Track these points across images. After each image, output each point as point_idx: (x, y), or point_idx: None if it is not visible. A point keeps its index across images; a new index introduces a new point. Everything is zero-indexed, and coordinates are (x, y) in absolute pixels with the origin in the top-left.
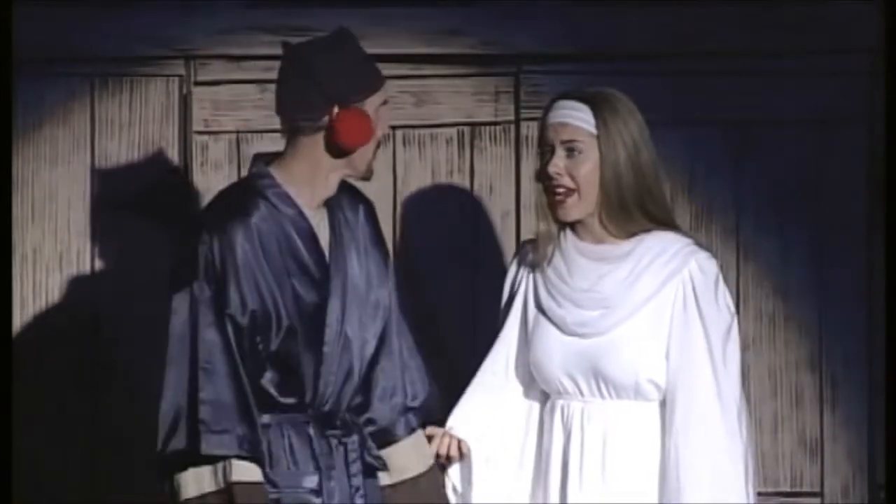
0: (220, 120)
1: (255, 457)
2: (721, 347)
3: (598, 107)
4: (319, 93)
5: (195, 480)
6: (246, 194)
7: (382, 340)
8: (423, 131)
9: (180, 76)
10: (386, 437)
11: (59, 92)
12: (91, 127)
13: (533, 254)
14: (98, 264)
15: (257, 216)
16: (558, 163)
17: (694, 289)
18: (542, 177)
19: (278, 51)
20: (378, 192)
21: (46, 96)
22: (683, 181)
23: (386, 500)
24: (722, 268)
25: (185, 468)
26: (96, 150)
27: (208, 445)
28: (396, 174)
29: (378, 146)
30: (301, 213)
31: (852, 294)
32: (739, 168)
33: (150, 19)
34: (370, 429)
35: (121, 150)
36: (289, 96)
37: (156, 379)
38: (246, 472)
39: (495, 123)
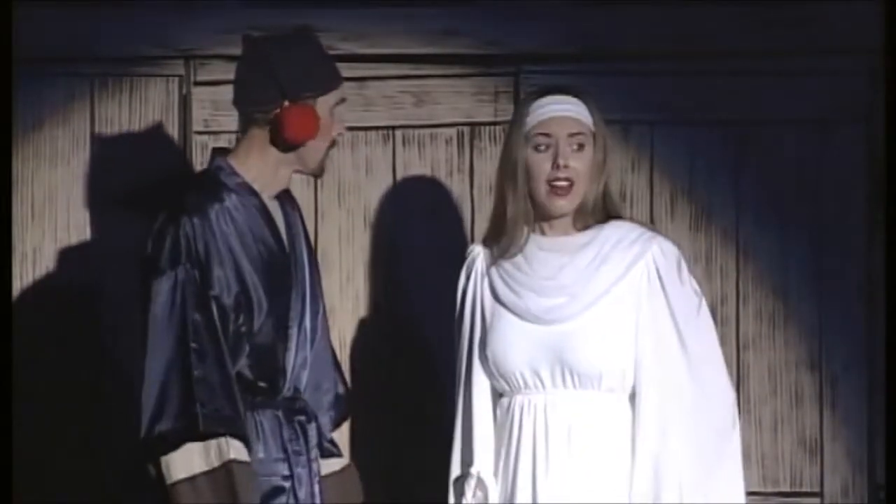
0: (220, 120)
1: (244, 437)
2: (693, 326)
3: (589, 103)
4: (273, 85)
5: (184, 462)
6: (214, 184)
7: (316, 333)
8: (423, 131)
9: (180, 76)
10: None
11: (59, 92)
12: (91, 127)
13: (496, 249)
14: (98, 264)
15: (228, 201)
16: (569, 156)
17: (658, 271)
18: (550, 169)
19: None
20: (378, 192)
21: (46, 96)
22: (683, 181)
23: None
24: (722, 268)
25: (172, 450)
26: (96, 150)
27: (206, 424)
28: (396, 174)
29: (332, 145)
30: (264, 203)
31: (852, 294)
32: (739, 168)
33: (150, 19)
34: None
35: (120, 149)
36: (245, 87)
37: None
38: (240, 450)
39: (495, 123)
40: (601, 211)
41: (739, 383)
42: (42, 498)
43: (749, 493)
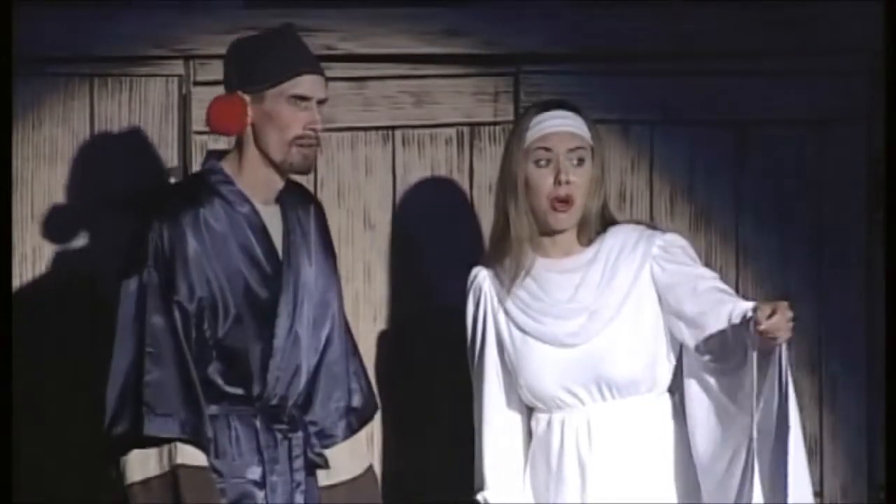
0: None
1: (198, 442)
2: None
3: (584, 115)
4: (224, 83)
5: (140, 465)
6: (198, 188)
7: (329, 342)
8: (423, 131)
9: (180, 76)
10: (325, 439)
11: (59, 92)
12: (91, 126)
13: (501, 272)
14: (98, 264)
15: (207, 207)
16: (570, 171)
17: (670, 254)
18: (552, 184)
19: None
20: (378, 192)
21: (46, 96)
22: (683, 181)
23: (322, 500)
24: (721, 268)
25: (126, 453)
26: (96, 150)
27: (151, 427)
28: (396, 174)
29: (306, 140)
30: (253, 208)
31: (852, 294)
32: (739, 168)
33: (150, 19)
34: (311, 429)
35: (120, 149)
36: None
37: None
38: (191, 455)
39: (495, 123)
40: (601, 222)
41: None
42: (42, 498)
43: None
